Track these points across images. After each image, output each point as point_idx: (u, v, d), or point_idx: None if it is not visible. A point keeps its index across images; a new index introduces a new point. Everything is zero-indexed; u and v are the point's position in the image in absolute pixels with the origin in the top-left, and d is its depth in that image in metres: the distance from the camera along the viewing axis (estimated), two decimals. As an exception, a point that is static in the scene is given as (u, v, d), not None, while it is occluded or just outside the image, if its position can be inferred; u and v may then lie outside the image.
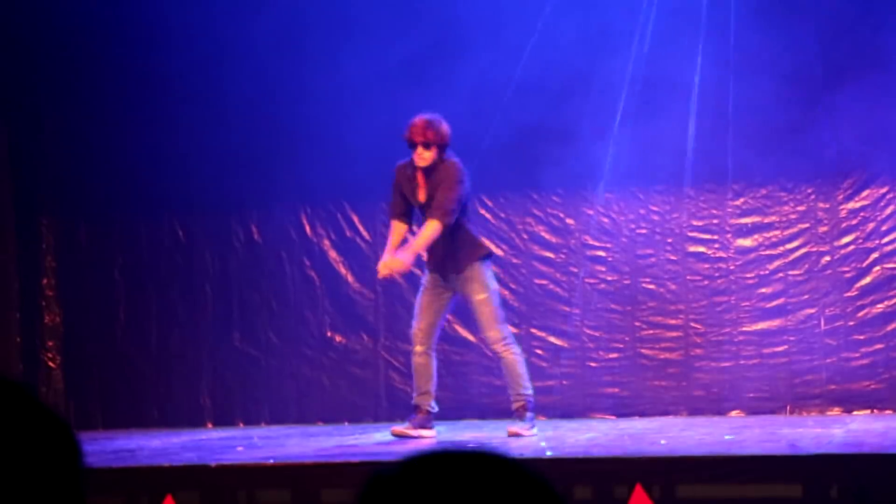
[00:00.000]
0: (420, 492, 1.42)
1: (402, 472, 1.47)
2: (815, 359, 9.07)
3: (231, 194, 9.88)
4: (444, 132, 7.06)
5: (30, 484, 1.59)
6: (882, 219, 9.10)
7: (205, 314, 9.93)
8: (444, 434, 7.66)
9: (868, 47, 9.05)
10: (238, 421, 9.80)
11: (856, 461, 5.23)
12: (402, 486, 1.45)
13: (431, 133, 7.00)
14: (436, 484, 1.44)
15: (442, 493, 1.43)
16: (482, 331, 7.37)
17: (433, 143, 7.01)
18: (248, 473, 5.63)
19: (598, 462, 5.44)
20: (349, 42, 9.54)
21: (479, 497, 1.42)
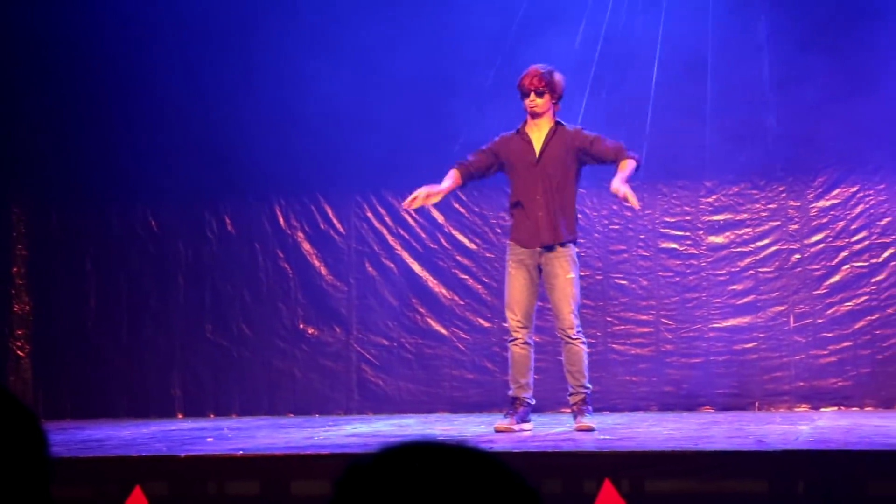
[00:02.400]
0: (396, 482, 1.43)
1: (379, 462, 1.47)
2: (784, 356, 9.13)
3: (205, 185, 9.86)
4: (557, 79, 7.05)
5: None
6: (852, 217, 9.16)
7: (177, 305, 9.92)
8: (415, 428, 7.67)
9: (840, 47, 9.10)
10: (209, 412, 9.79)
11: (822, 457, 5.26)
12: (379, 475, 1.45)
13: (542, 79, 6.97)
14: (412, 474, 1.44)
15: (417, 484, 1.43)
16: (560, 313, 7.05)
17: (544, 89, 6.97)
18: (217, 464, 5.63)
19: (567, 456, 5.46)
20: (324, 36, 9.53)
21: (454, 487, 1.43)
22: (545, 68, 7.05)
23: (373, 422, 8.51)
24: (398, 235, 9.70)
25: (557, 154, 7.05)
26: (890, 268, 9.07)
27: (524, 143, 7.11)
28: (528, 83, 7.00)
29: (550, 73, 7.02)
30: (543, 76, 6.98)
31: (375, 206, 9.74)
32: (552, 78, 7.01)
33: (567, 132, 7.11)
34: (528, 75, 7.02)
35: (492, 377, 9.46)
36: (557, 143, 7.07)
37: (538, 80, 6.98)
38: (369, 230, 9.73)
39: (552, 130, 7.09)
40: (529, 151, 7.09)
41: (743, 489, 5.22)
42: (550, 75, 7.01)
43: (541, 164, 7.06)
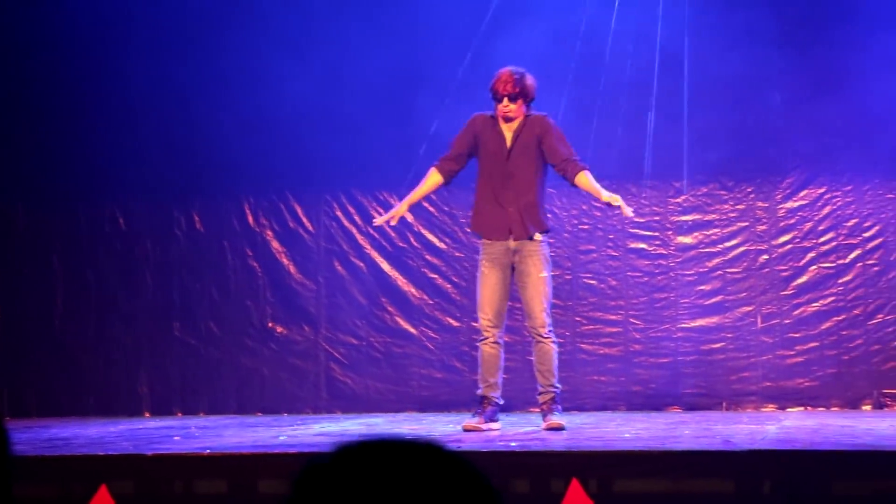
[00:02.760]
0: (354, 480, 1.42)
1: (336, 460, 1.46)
2: (752, 356, 9.17)
3: (173, 182, 9.82)
4: (529, 83, 6.98)
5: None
6: (819, 219, 9.21)
7: (144, 303, 9.87)
8: (383, 426, 7.66)
9: (809, 48, 9.15)
10: (176, 411, 9.75)
11: (788, 457, 5.29)
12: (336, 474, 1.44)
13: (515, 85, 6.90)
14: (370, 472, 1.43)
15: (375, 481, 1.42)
16: (532, 311, 7.00)
17: (518, 94, 6.92)
18: (184, 463, 5.60)
19: (535, 456, 5.46)
20: (293, 35, 9.52)
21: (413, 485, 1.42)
22: (517, 72, 6.97)
23: (341, 421, 8.50)
24: (367, 234, 9.69)
25: (527, 147, 7.01)
26: (856, 269, 9.13)
27: (497, 135, 7.07)
28: (501, 88, 6.92)
29: (523, 77, 6.95)
30: (516, 81, 6.91)
31: (345, 205, 9.73)
32: (525, 82, 6.94)
33: (533, 119, 7.05)
34: (500, 80, 6.94)
35: (460, 376, 9.46)
36: (527, 135, 7.03)
37: (511, 85, 6.90)
38: (338, 229, 9.72)
39: (521, 125, 7.05)
40: (501, 143, 7.04)
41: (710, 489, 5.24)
42: (523, 79, 6.94)
43: (511, 158, 7.02)
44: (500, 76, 6.96)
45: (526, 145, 7.01)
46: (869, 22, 8.97)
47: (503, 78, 6.94)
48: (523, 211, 6.97)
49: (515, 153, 7.00)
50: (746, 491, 5.16)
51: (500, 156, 7.03)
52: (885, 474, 5.02)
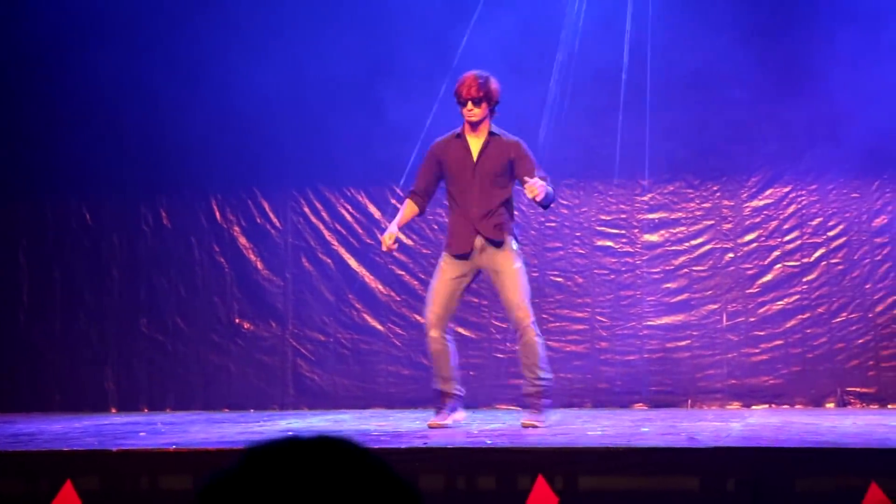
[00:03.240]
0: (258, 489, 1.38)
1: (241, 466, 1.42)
2: (717, 353, 9.22)
3: (140, 178, 9.79)
4: (493, 88, 6.94)
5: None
6: (784, 217, 9.27)
7: (111, 298, 9.84)
8: (350, 423, 7.66)
9: (775, 48, 9.20)
10: (143, 406, 9.72)
11: (752, 454, 5.32)
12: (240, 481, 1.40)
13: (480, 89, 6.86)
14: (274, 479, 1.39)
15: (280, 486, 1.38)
16: (511, 304, 6.93)
17: (482, 98, 6.89)
18: (149, 459, 5.59)
19: (501, 452, 5.48)
20: (259, 32, 9.50)
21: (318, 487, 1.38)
22: (482, 76, 6.94)
23: (308, 417, 8.50)
24: (335, 230, 9.68)
25: (494, 163, 6.97)
26: (821, 267, 9.20)
27: (463, 149, 7.03)
28: (464, 92, 6.89)
29: (487, 81, 6.91)
30: (481, 85, 6.87)
31: (312, 201, 9.72)
32: (489, 86, 6.91)
33: (504, 142, 7.02)
34: (464, 84, 6.91)
35: (427, 373, 9.44)
36: (494, 152, 6.99)
37: (475, 89, 6.86)
38: (306, 225, 9.72)
39: (487, 141, 7.00)
40: (468, 157, 7.01)
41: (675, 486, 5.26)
42: (487, 83, 6.91)
43: (478, 171, 6.98)
44: (464, 80, 6.93)
45: (493, 162, 6.97)
46: (834, 20, 9.03)
47: (467, 82, 6.91)
48: (488, 222, 6.96)
49: (481, 166, 6.97)
50: (711, 488, 5.19)
51: (466, 170, 7.00)
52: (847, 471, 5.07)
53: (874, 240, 9.15)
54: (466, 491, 5.35)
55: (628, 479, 5.27)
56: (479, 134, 7.02)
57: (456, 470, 5.38)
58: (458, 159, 7.02)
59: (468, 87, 6.89)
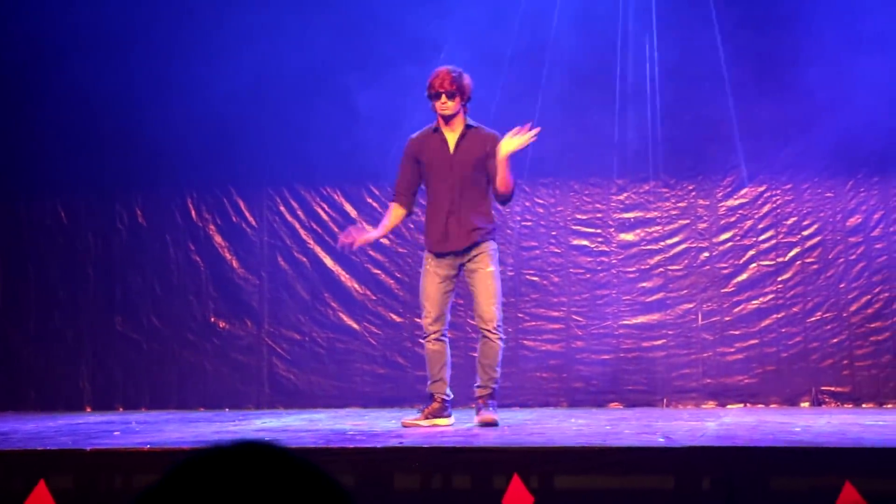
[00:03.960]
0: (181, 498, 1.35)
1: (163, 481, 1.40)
2: (692, 353, 9.25)
3: (116, 176, 9.76)
4: (466, 82, 6.97)
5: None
6: (759, 217, 9.30)
7: (86, 296, 9.80)
8: (326, 422, 7.65)
9: (751, 48, 9.23)
10: (118, 405, 9.69)
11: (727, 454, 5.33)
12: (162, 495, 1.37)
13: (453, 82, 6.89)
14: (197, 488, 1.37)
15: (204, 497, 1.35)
16: (481, 306, 6.94)
17: (455, 92, 6.91)
18: (123, 458, 5.56)
19: (476, 452, 5.47)
20: (232, 28, 9.48)
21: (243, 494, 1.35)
22: (455, 70, 6.99)
23: (283, 416, 8.48)
24: (311, 229, 9.67)
25: (471, 154, 6.99)
26: (795, 267, 9.23)
27: (440, 142, 7.05)
28: (437, 85, 6.94)
29: (460, 75, 6.97)
30: (454, 79, 6.93)
31: (288, 200, 9.71)
32: (461, 80, 6.96)
33: (481, 134, 7.05)
34: (437, 77, 6.96)
35: (403, 372, 9.47)
36: (471, 144, 7.01)
37: (448, 83, 6.92)
38: (281, 224, 9.70)
39: (464, 133, 7.04)
40: (444, 150, 7.04)
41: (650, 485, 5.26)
42: (460, 77, 6.96)
43: (455, 164, 7.00)
44: (438, 74, 6.98)
45: (471, 154, 6.99)
46: (810, 19, 9.07)
47: (440, 75, 6.96)
48: (466, 219, 6.97)
49: (458, 159, 7.00)
50: (686, 487, 5.20)
51: (444, 163, 7.02)
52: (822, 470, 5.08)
53: (848, 239, 9.19)
54: (442, 490, 5.34)
55: (604, 478, 5.27)
56: (454, 127, 7.05)
57: (431, 469, 5.37)
58: (435, 152, 7.04)
59: (441, 81, 6.94)
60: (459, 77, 6.96)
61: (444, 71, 6.98)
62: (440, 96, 6.95)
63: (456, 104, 6.97)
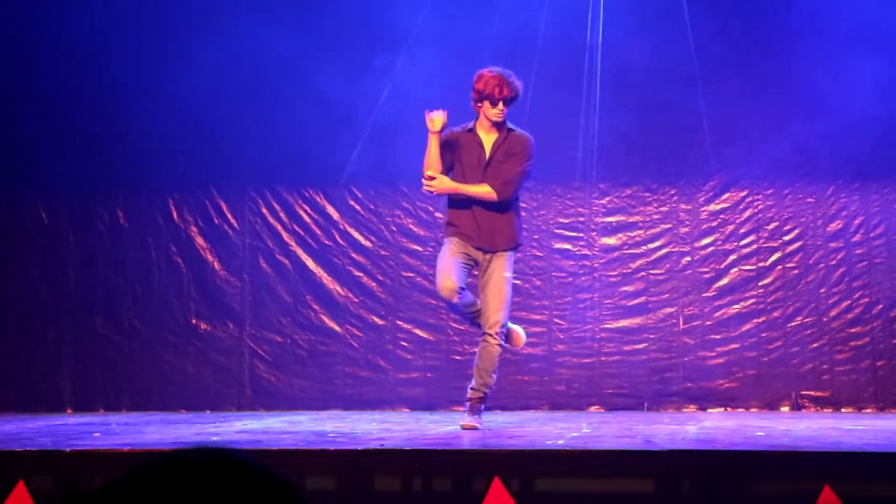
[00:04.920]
0: None
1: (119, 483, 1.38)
2: (673, 357, 9.27)
3: (97, 177, 9.73)
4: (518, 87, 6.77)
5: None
6: (741, 222, 9.33)
7: (67, 297, 9.77)
8: (307, 424, 7.64)
9: (732, 54, 9.26)
10: (98, 407, 9.66)
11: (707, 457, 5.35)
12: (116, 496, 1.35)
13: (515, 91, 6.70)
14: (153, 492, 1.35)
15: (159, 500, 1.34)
16: (489, 310, 6.82)
17: (514, 98, 6.74)
18: (103, 460, 5.55)
19: (457, 454, 5.48)
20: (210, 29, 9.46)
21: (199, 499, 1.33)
22: (512, 75, 6.77)
23: (264, 418, 8.47)
24: (293, 231, 9.66)
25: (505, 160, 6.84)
26: (776, 272, 9.26)
27: (475, 144, 6.87)
28: (498, 92, 6.69)
29: (517, 80, 6.76)
30: (515, 86, 6.72)
31: (270, 202, 9.70)
32: (518, 86, 6.76)
33: (516, 138, 6.88)
34: (498, 84, 6.70)
35: (384, 375, 9.47)
36: (507, 149, 6.85)
37: (509, 89, 6.70)
38: (263, 226, 9.69)
39: (503, 137, 6.87)
40: (479, 153, 6.86)
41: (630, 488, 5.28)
42: (517, 83, 6.75)
43: (489, 169, 6.84)
44: (498, 79, 6.71)
45: (504, 158, 6.84)
46: (791, 25, 9.10)
47: (502, 82, 6.70)
48: (492, 224, 6.86)
49: (493, 165, 6.84)
50: (666, 490, 5.21)
51: (476, 166, 6.85)
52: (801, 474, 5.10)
53: (829, 244, 9.23)
54: (422, 493, 5.35)
55: (584, 481, 5.28)
56: (493, 130, 6.88)
57: (412, 472, 5.37)
58: (469, 154, 6.86)
59: (503, 88, 6.70)
60: (517, 82, 6.75)
61: (503, 77, 6.73)
62: (499, 103, 6.73)
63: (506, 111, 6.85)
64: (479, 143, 6.88)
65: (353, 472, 5.34)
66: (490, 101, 6.73)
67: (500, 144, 6.86)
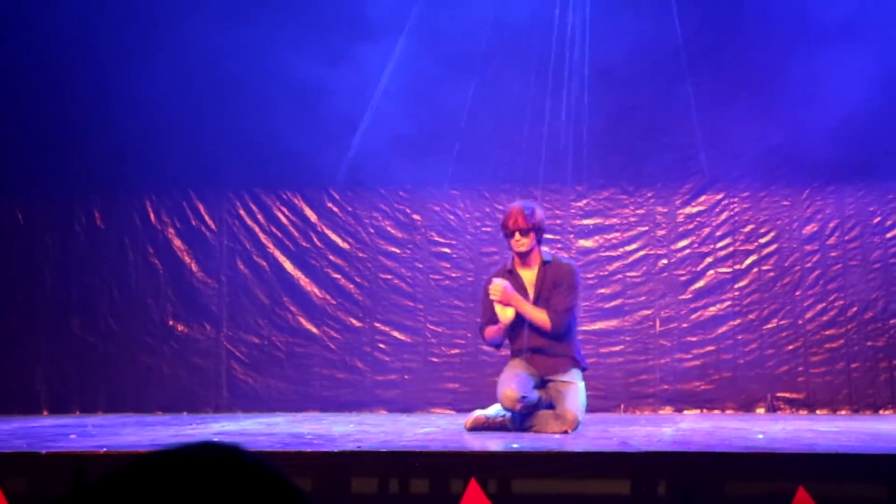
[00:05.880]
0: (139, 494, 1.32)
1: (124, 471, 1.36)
2: (650, 359, 9.30)
3: (74, 178, 9.71)
4: (539, 217, 6.90)
5: None
6: (717, 224, 9.37)
7: (43, 299, 9.74)
8: (284, 426, 7.64)
9: (707, 58, 9.29)
10: (74, 409, 9.63)
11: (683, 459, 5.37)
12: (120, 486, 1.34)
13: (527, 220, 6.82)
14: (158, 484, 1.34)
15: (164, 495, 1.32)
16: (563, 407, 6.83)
17: (530, 229, 6.85)
18: (79, 461, 5.53)
19: (434, 456, 5.48)
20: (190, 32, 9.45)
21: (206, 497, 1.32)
22: (528, 207, 6.90)
23: (241, 420, 8.46)
24: (270, 233, 9.66)
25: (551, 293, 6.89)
26: (752, 274, 9.30)
27: (518, 287, 6.92)
28: (511, 224, 6.86)
29: (533, 212, 6.88)
30: (527, 217, 6.84)
31: (248, 204, 9.69)
32: (535, 215, 6.88)
33: (559, 267, 6.94)
34: (510, 216, 6.87)
35: (362, 377, 9.47)
36: (550, 282, 6.91)
37: (522, 220, 6.83)
38: (241, 227, 9.68)
39: (543, 271, 6.95)
40: (524, 295, 6.91)
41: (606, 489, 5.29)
42: (533, 213, 6.87)
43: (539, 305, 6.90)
44: (511, 213, 6.90)
45: (551, 292, 6.89)
46: (770, 29, 9.14)
47: (513, 214, 6.87)
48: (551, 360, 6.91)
49: (541, 302, 6.89)
50: (642, 492, 5.23)
51: None
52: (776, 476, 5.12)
53: (804, 247, 9.27)
54: (399, 494, 5.35)
55: (561, 482, 5.30)
56: (532, 265, 6.97)
57: (389, 473, 5.38)
58: None
59: (514, 219, 6.86)
60: (532, 213, 6.85)
61: (517, 209, 6.88)
62: (514, 234, 6.86)
63: (531, 240, 6.86)
64: (520, 284, 6.97)
65: (329, 474, 5.34)
66: (505, 234, 6.95)
67: (542, 279, 6.94)
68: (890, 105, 9.02)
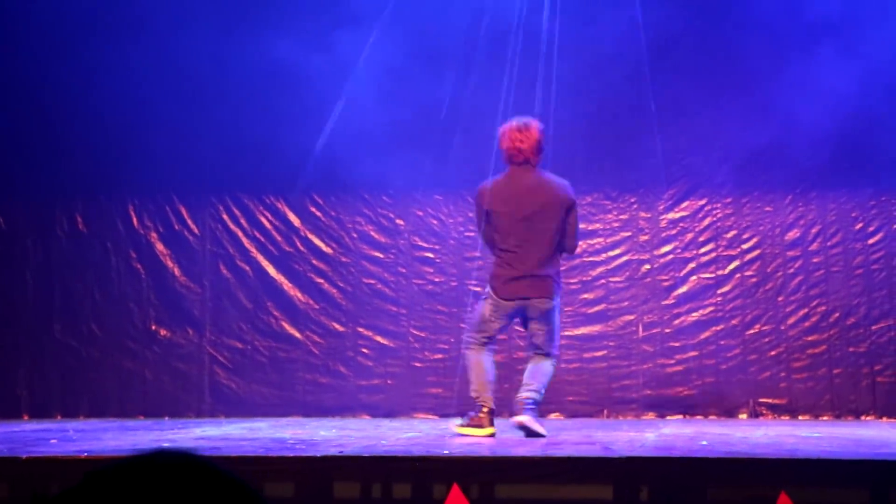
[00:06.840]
0: None
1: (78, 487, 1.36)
2: (633, 364, 9.31)
3: (56, 182, 9.67)
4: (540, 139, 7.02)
5: None
6: (700, 230, 9.39)
7: (24, 303, 9.70)
8: (266, 431, 7.62)
9: (690, 64, 9.31)
10: (56, 413, 9.60)
11: (665, 464, 5.38)
12: None
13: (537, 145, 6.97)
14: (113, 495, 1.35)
15: None
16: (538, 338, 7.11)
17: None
18: (60, 466, 5.52)
19: (417, 461, 5.48)
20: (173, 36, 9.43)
21: None
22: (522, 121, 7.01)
23: (223, 425, 8.44)
24: (253, 238, 9.64)
25: (543, 208, 6.96)
26: (735, 280, 9.32)
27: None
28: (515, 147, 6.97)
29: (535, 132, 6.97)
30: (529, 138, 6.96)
31: (231, 208, 9.67)
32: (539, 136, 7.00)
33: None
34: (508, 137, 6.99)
35: (345, 381, 9.46)
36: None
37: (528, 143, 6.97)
38: (224, 232, 9.66)
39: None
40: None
41: (589, 495, 5.30)
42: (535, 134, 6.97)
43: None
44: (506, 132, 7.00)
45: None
46: (755, 35, 9.16)
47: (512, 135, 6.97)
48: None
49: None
50: (625, 496, 5.24)
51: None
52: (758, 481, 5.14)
53: (787, 253, 9.30)
54: (382, 499, 5.35)
55: (544, 487, 5.30)
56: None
57: (371, 478, 5.37)
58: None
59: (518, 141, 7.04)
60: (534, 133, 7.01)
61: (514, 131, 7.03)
62: None
63: None
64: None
65: (312, 479, 5.33)
66: None
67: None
68: (873, 112, 9.05)
